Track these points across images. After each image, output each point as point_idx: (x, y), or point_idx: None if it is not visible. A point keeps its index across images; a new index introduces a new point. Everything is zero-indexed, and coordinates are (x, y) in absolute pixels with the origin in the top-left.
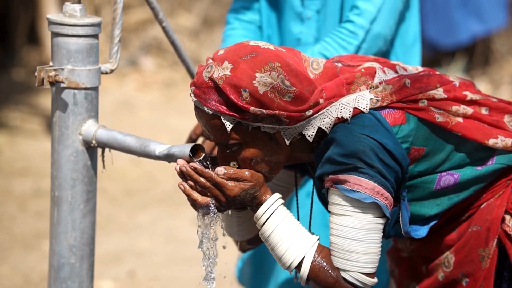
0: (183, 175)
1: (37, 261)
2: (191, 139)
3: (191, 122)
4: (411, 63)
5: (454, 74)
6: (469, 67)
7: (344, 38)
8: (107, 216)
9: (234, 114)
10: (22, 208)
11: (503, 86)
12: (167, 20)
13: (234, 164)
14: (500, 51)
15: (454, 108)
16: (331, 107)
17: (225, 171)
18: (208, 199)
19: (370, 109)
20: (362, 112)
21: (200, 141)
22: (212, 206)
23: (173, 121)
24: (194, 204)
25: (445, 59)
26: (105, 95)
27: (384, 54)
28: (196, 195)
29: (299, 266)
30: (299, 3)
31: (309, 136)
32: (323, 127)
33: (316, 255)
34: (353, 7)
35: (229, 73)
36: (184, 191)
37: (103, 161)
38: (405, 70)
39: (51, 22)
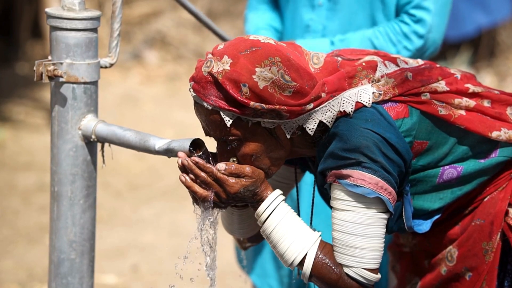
0: (184, 169)
1: (41, 255)
2: None
3: (194, 116)
4: None
5: (460, 66)
6: (474, 59)
7: (398, 37)
8: (110, 210)
9: (234, 109)
10: (26, 202)
11: (508, 78)
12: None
13: (234, 160)
14: (505, 43)
15: (457, 100)
16: (333, 100)
17: (226, 167)
18: (209, 192)
19: (372, 103)
20: (364, 106)
21: None
22: (212, 199)
23: (177, 115)
24: (195, 197)
25: (451, 51)
26: (108, 89)
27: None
28: (197, 188)
29: (301, 263)
30: None
31: (309, 129)
32: (325, 121)
33: (319, 252)
34: (407, 13)
35: (229, 68)
36: (185, 184)
37: (102, 156)
38: (406, 63)
39: (49, 16)
